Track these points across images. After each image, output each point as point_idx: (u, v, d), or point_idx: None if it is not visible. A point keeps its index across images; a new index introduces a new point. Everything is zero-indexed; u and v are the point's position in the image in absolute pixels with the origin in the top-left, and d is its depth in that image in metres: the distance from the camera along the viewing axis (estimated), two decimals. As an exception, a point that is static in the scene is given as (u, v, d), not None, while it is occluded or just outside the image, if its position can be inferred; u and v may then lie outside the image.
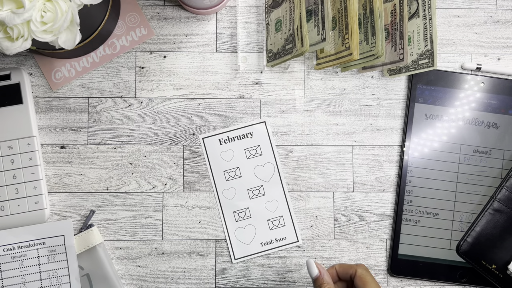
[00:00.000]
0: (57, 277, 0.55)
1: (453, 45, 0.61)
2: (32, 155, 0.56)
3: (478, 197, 0.58)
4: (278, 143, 0.59)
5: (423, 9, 0.57)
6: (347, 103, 0.60)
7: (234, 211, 0.59)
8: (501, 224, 0.55)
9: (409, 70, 0.58)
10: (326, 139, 0.60)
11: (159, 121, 0.59)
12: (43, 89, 0.59)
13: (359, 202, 0.59)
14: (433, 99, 0.59)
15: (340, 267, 0.49)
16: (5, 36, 0.45)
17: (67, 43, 0.47)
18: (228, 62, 0.60)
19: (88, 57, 0.59)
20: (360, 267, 0.48)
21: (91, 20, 0.53)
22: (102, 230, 0.58)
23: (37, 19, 0.44)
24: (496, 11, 0.61)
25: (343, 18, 0.54)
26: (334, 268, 0.49)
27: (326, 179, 0.59)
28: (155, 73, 0.59)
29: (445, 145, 0.59)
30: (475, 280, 0.58)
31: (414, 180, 0.59)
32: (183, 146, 0.59)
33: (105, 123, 0.59)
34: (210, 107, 0.59)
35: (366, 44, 0.54)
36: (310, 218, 0.59)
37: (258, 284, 0.58)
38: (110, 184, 0.58)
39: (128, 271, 0.58)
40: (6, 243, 0.55)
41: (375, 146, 0.60)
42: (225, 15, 0.60)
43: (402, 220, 0.58)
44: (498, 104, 0.59)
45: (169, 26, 0.60)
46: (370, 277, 0.47)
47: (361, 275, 0.47)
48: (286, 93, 0.60)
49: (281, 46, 0.56)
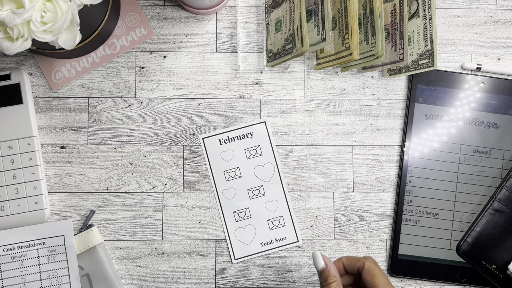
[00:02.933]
0: (57, 277, 0.55)
1: (453, 45, 0.61)
2: (32, 155, 0.56)
3: (478, 197, 0.58)
4: (278, 143, 0.59)
5: (423, 9, 0.57)
6: (347, 103, 0.60)
7: (234, 211, 0.59)
8: (501, 224, 0.55)
9: (409, 70, 0.58)
10: (326, 139, 0.60)
11: (159, 121, 0.59)
12: (43, 89, 0.59)
13: (359, 202, 0.59)
14: (433, 99, 0.59)
15: (347, 260, 0.47)
16: (5, 36, 0.45)
17: (67, 43, 0.47)
18: (228, 62, 0.60)
19: (88, 57, 0.59)
20: (368, 260, 0.46)
21: (91, 20, 0.53)
22: (102, 230, 0.58)
23: (37, 19, 0.44)
24: (496, 11, 0.61)
25: (343, 18, 0.54)
26: (341, 261, 0.47)
27: (326, 179, 0.59)
28: (155, 73, 0.59)
29: (445, 145, 0.59)
30: (475, 280, 0.58)
31: (414, 180, 0.58)
32: (183, 146, 0.59)
33: (105, 123, 0.59)
34: (210, 107, 0.59)
35: (366, 44, 0.54)
36: (310, 218, 0.59)
37: (258, 284, 0.58)
38: (110, 184, 0.58)
39: (128, 271, 0.58)
40: (6, 243, 0.55)
41: (375, 146, 0.60)
42: (225, 15, 0.60)
43: (402, 220, 0.58)
44: (498, 104, 0.59)
45: (169, 26, 0.60)
46: (378, 270, 0.45)
47: (369, 268, 0.45)
48: (286, 93, 0.60)
49: (281, 46, 0.56)
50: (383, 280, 0.44)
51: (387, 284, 0.44)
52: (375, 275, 0.44)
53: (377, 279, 0.43)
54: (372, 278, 0.44)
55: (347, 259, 0.47)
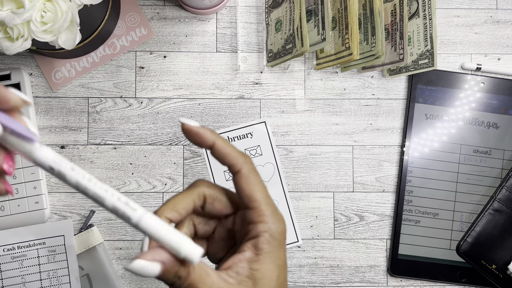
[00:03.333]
0: (57, 277, 0.55)
1: (453, 45, 0.61)
2: (32, 155, 0.56)
3: (478, 197, 0.58)
4: (278, 143, 0.59)
5: (423, 9, 0.57)
6: (347, 103, 0.60)
7: (234, 211, 0.58)
8: (501, 224, 0.55)
9: (409, 70, 0.58)
10: (326, 139, 0.60)
11: (159, 121, 0.59)
12: (43, 89, 0.59)
13: (359, 202, 0.59)
14: (433, 99, 0.59)
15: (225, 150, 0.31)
16: (5, 36, 0.45)
17: (67, 43, 0.47)
18: (228, 62, 0.60)
19: (88, 57, 0.59)
20: (247, 162, 0.32)
21: (91, 20, 0.53)
22: (102, 230, 0.58)
23: (37, 19, 0.44)
24: (496, 11, 0.61)
25: (343, 18, 0.54)
26: (194, 197, 0.31)
27: (326, 179, 0.59)
28: (155, 73, 0.59)
29: (445, 145, 0.59)
30: (475, 280, 0.58)
31: (414, 180, 0.59)
32: (183, 146, 0.59)
33: (105, 123, 0.59)
34: (210, 107, 0.59)
35: (366, 44, 0.54)
36: (310, 218, 0.59)
37: (258, 284, 0.58)
38: (110, 184, 0.58)
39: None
40: (6, 243, 0.55)
41: (375, 146, 0.60)
42: (225, 15, 0.60)
43: (402, 220, 0.58)
44: (498, 104, 0.59)
45: (169, 26, 0.60)
46: (258, 178, 0.32)
47: (247, 175, 0.31)
48: (286, 93, 0.60)
49: (281, 46, 0.56)
50: (262, 190, 0.31)
51: (266, 197, 0.32)
52: (253, 184, 0.31)
53: (256, 191, 0.31)
54: (250, 188, 0.31)
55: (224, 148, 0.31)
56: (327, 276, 0.58)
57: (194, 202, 0.32)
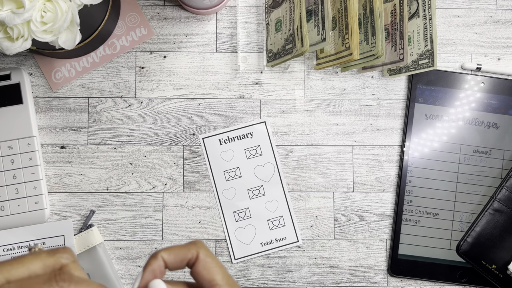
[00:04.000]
0: (57, 277, 0.55)
1: (453, 45, 0.61)
2: (32, 155, 0.56)
3: (478, 197, 0.58)
4: (278, 143, 0.59)
5: (423, 9, 0.57)
6: (347, 103, 0.60)
7: (234, 211, 0.59)
8: (501, 224, 0.55)
9: (409, 70, 0.58)
10: (326, 139, 0.60)
11: (159, 121, 0.59)
12: (43, 89, 0.59)
13: (359, 202, 0.59)
14: (433, 99, 0.59)
15: (171, 254, 0.33)
16: (5, 36, 0.45)
17: (67, 43, 0.47)
18: (228, 62, 0.60)
19: (88, 57, 0.59)
20: (201, 249, 0.33)
21: (91, 20, 0.53)
22: (102, 230, 0.58)
23: (37, 19, 0.44)
24: (496, 11, 0.61)
25: (343, 18, 0.54)
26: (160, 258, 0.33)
27: (326, 179, 0.59)
28: (155, 73, 0.59)
29: (445, 145, 0.59)
30: (475, 280, 0.58)
31: (414, 180, 0.59)
32: (183, 146, 0.59)
33: (105, 123, 0.59)
34: (210, 107, 0.59)
35: (366, 44, 0.54)
36: (310, 218, 0.59)
37: (258, 284, 0.58)
38: (110, 184, 0.58)
39: (128, 271, 0.58)
40: (6, 243, 0.55)
41: (375, 146, 0.60)
42: (225, 15, 0.60)
43: (402, 220, 0.58)
44: (498, 104, 0.59)
45: (169, 26, 0.60)
46: (215, 262, 0.33)
47: (205, 261, 0.33)
48: (286, 93, 0.60)
49: (281, 46, 0.56)
50: (222, 272, 0.33)
51: (228, 278, 0.33)
52: (212, 267, 0.33)
53: (216, 274, 0.33)
54: (210, 273, 0.32)
55: (169, 253, 0.33)
56: (327, 276, 0.58)
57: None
